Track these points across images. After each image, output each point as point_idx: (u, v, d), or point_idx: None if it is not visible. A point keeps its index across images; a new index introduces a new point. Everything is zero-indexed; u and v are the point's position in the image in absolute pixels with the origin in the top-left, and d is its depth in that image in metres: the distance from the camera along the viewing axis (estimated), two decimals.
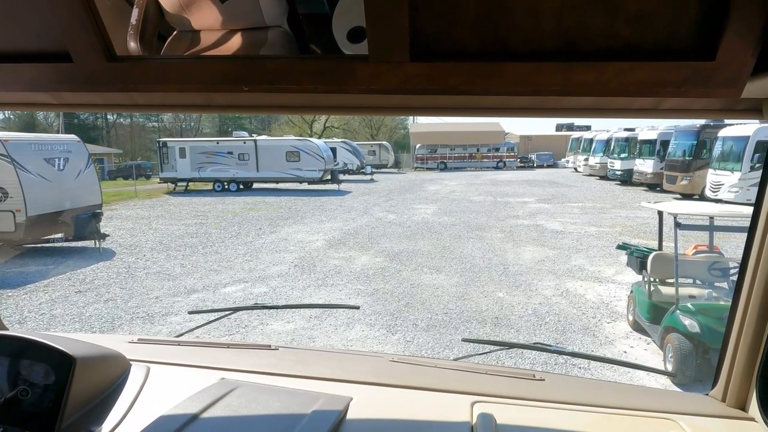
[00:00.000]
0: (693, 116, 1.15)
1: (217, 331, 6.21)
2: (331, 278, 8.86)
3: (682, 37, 0.79)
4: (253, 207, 19.46)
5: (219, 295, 7.94)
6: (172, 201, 22.16)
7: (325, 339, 6.11)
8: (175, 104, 1.26)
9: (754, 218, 1.30)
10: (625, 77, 0.82)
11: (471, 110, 1.15)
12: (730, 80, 0.80)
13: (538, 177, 32.82)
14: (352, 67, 0.89)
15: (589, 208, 17.66)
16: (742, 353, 1.34)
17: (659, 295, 5.86)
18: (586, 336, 6.13)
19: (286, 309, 6.39)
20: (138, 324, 6.69)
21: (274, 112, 1.29)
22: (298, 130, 51.68)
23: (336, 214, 16.94)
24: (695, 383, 4.79)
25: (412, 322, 6.60)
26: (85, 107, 1.28)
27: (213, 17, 1.06)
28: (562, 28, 0.80)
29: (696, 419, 1.33)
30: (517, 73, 0.84)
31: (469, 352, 1.80)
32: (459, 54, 0.85)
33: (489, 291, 7.94)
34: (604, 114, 1.13)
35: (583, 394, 1.49)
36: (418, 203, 19.71)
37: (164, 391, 1.41)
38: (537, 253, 10.60)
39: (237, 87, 0.94)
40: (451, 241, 12.01)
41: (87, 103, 1.23)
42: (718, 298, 5.40)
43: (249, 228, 14.40)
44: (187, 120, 61.23)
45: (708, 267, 5.75)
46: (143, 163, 42.09)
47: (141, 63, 0.98)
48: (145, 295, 7.96)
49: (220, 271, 9.52)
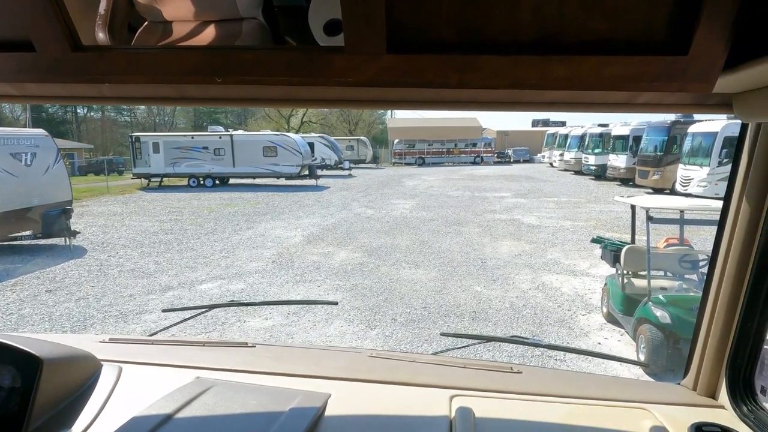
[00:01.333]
0: (667, 110, 1.16)
1: (193, 329, 6.12)
2: (309, 274, 8.81)
3: (656, 32, 0.80)
4: (230, 203, 19.20)
5: (195, 293, 7.82)
6: (146, 197, 21.70)
7: (304, 335, 6.08)
8: (144, 96, 1.22)
9: (723, 213, 1.33)
10: (600, 71, 0.82)
11: (447, 104, 1.14)
12: (702, 74, 0.81)
13: (514, 172, 33.21)
14: (327, 59, 0.87)
15: (564, 202, 17.95)
16: (712, 343, 1.37)
17: (632, 287, 5.99)
18: (561, 328, 6.23)
19: (263, 306, 6.34)
20: (111, 323, 6.54)
21: (248, 105, 1.26)
22: (275, 124, 51.20)
23: (314, 210, 16.84)
24: (667, 373, 4.92)
25: (391, 317, 6.61)
26: (49, 99, 1.23)
27: (185, 8, 1.03)
28: (539, 21, 0.80)
29: (668, 408, 1.36)
30: (494, 66, 0.83)
31: (448, 346, 1.81)
32: (436, 46, 0.84)
33: (467, 285, 8.01)
34: (580, 108, 1.14)
35: (559, 386, 1.51)
36: (396, 198, 19.73)
37: (137, 391, 1.37)
38: (514, 248, 10.73)
39: (209, 79, 0.92)
40: (430, 236, 12.06)
41: (51, 95, 1.18)
42: (688, 290, 5.56)
43: (225, 224, 14.21)
44: (161, 114, 60.03)
45: (678, 259, 5.90)
46: (115, 158, 41.11)
47: (108, 53, 0.94)
48: (118, 294, 7.79)
49: (196, 268, 9.37)
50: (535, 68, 0.83)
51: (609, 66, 0.81)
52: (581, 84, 0.84)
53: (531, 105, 1.11)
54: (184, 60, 0.91)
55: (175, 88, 1.08)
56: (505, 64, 0.83)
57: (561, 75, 0.83)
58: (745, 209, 1.24)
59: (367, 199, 19.52)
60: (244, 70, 0.89)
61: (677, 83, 0.82)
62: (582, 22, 0.79)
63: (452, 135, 43.28)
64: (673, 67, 0.80)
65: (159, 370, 1.53)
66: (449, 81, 0.86)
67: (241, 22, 1.05)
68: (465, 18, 0.81)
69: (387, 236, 12.05)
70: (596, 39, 0.80)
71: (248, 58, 0.89)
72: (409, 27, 0.83)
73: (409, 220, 14.44)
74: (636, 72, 0.82)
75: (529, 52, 0.82)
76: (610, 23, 0.79)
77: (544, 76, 0.83)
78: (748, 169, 1.22)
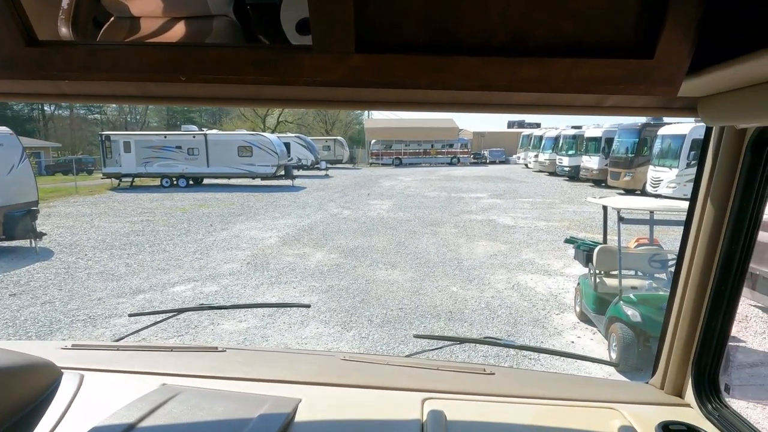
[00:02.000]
0: (634, 113, 1.18)
1: (165, 332, 5.98)
2: (285, 275, 8.72)
3: (622, 36, 0.81)
4: (204, 203, 18.89)
5: (167, 295, 7.65)
6: (117, 197, 21.18)
7: (279, 338, 6.01)
8: (106, 94, 1.18)
9: (689, 215, 1.36)
10: (568, 73, 0.82)
11: (419, 104, 1.13)
12: (667, 78, 0.82)
13: (490, 173, 33.57)
14: (296, 58, 0.85)
15: (539, 203, 18.22)
16: (679, 343, 1.40)
17: (604, 286, 6.11)
18: (536, 327, 6.31)
19: (234, 309, 6.25)
20: (78, 327, 6.35)
21: (215, 104, 1.23)
22: (250, 124, 50.63)
23: (290, 210, 16.70)
24: (637, 372, 5.03)
25: (367, 318, 6.59)
26: (4, 96, 1.18)
27: (154, 4, 1.00)
28: (509, 22, 0.80)
29: (636, 407, 1.38)
30: (464, 68, 0.83)
31: (422, 348, 1.81)
32: (406, 47, 0.83)
33: (443, 286, 8.05)
34: (549, 111, 1.14)
35: (531, 387, 1.52)
36: (373, 199, 19.72)
37: (99, 400, 1.32)
38: (490, 248, 10.83)
39: (173, 77, 0.89)
40: (406, 236, 12.09)
41: (6, 92, 1.13)
42: (658, 289, 5.69)
43: (199, 225, 13.97)
44: (133, 113, 58.72)
45: (648, 259, 6.04)
46: (84, 157, 39.99)
47: (65, 49, 0.90)
48: (86, 297, 7.56)
49: (168, 270, 9.18)
50: (505, 70, 0.83)
51: (577, 68, 0.82)
52: (550, 86, 0.84)
53: (501, 107, 1.12)
54: (147, 57, 0.88)
55: (138, 86, 1.05)
56: (475, 65, 0.83)
57: (530, 77, 0.83)
58: (709, 211, 1.26)
59: (344, 200, 19.46)
60: (209, 69, 0.87)
61: (644, 86, 0.83)
62: (550, 24, 0.79)
63: (429, 136, 43.53)
64: (640, 71, 0.81)
65: (123, 377, 1.48)
66: (420, 82, 0.85)
67: (211, 20, 1.02)
68: (435, 19, 0.81)
69: (364, 237, 12.02)
70: (564, 42, 0.81)
71: (214, 56, 0.87)
72: (378, 27, 0.82)
73: (386, 220, 14.44)
74: (603, 75, 0.82)
75: (499, 53, 0.82)
76: (578, 26, 0.80)
77: (514, 77, 0.83)
78: (713, 171, 1.24)
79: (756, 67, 0.78)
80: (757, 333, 6.02)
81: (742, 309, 6.58)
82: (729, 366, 4.00)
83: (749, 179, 1.17)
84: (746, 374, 5.07)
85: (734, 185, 1.21)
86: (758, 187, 1.17)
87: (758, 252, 5.17)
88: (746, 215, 1.20)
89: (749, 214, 1.20)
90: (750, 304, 6.63)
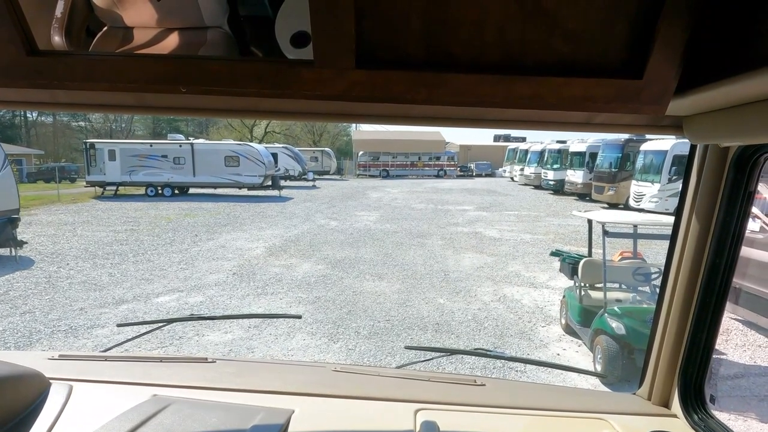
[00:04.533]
0: (622, 131, 1.22)
1: (149, 344, 5.89)
2: (271, 286, 8.66)
3: (612, 56, 0.84)
4: (189, 213, 18.71)
5: (151, 306, 7.54)
6: (100, 206, 20.88)
7: (265, 349, 5.95)
8: (103, 104, 1.19)
9: (674, 230, 1.40)
10: (561, 91, 0.85)
11: (414, 119, 1.16)
12: (655, 98, 0.85)
13: (477, 186, 33.81)
14: (296, 72, 0.87)
15: (524, 216, 18.38)
16: (665, 354, 1.43)
17: (589, 299, 6.17)
18: (522, 340, 6.34)
19: (223, 320, 6.18)
20: (59, 338, 6.22)
21: (213, 116, 1.24)
22: (237, 134, 50.43)
23: (277, 221, 16.62)
24: (623, 383, 5.07)
25: (354, 329, 6.56)
26: (1, 104, 1.18)
27: (148, 14, 1.01)
28: (504, 42, 0.83)
29: (624, 418, 1.40)
30: (460, 84, 0.85)
31: (412, 359, 1.81)
32: (404, 63, 0.86)
33: (430, 297, 8.06)
34: (541, 126, 1.17)
35: (522, 398, 1.53)
36: (360, 210, 19.72)
37: (88, 411, 1.30)
38: (476, 260, 10.88)
39: (173, 88, 0.90)
40: (393, 248, 12.10)
41: (4, 100, 1.13)
42: (642, 302, 5.77)
43: (185, 235, 13.82)
44: (118, 121, 58.07)
45: (632, 272, 6.13)
46: (68, 165, 39.45)
47: (65, 58, 0.91)
48: (68, 307, 7.42)
49: (153, 280, 9.05)
50: (500, 87, 0.85)
51: (569, 87, 0.85)
52: (543, 103, 0.87)
53: (496, 122, 1.15)
54: (146, 68, 0.89)
55: (136, 96, 1.05)
56: (471, 82, 0.85)
57: (524, 94, 0.86)
58: (694, 226, 1.30)
59: (331, 211, 19.43)
60: (210, 81, 0.88)
61: (632, 105, 0.87)
62: (543, 45, 0.82)
63: (416, 148, 43.77)
64: (629, 90, 0.85)
65: (113, 388, 1.46)
66: (417, 97, 0.87)
67: (205, 31, 1.03)
68: (432, 37, 0.83)
69: (351, 248, 12.00)
70: (557, 61, 0.84)
71: (215, 69, 0.88)
72: (378, 43, 0.84)
73: (373, 232, 14.44)
74: (594, 93, 0.85)
75: (494, 71, 0.85)
76: (570, 47, 0.83)
77: (508, 94, 0.86)
78: (697, 188, 1.28)
79: (739, 89, 0.82)
80: (739, 346, 6.12)
81: (724, 322, 6.70)
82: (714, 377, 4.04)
83: (732, 196, 1.21)
84: (731, 385, 5.14)
85: (718, 201, 1.24)
86: (741, 203, 1.21)
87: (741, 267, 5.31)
88: (730, 230, 1.24)
89: (733, 230, 1.24)
90: (732, 318, 6.75)
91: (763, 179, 1.22)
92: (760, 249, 6.15)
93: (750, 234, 6.23)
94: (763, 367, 5.52)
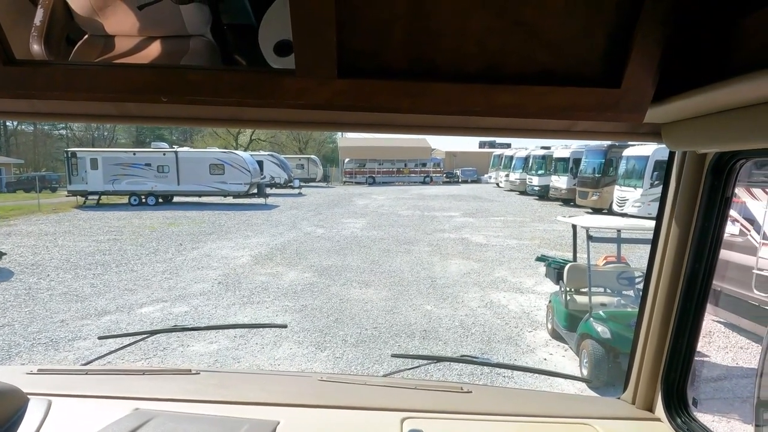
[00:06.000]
0: (602, 138, 1.24)
1: (132, 356, 5.79)
2: (257, 295, 8.58)
3: (592, 66, 0.86)
4: (174, 222, 18.50)
5: (134, 317, 7.42)
6: (82, 215, 20.54)
7: (251, 359, 5.89)
8: (83, 114, 1.17)
9: (655, 234, 1.42)
10: (542, 100, 0.86)
11: (398, 128, 1.16)
12: (634, 106, 0.87)
13: (462, 192, 33.98)
14: (278, 81, 0.87)
15: (510, 221, 18.52)
16: (648, 358, 1.44)
17: (575, 303, 6.22)
18: (509, 345, 6.36)
19: (208, 330, 6.10)
20: (40, 351, 6.08)
21: (196, 125, 1.23)
22: (222, 142, 50.07)
23: (263, 229, 16.51)
24: (608, 387, 5.11)
25: (341, 338, 6.53)
26: None
27: (129, 22, 1.00)
28: (486, 52, 0.84)
29: (609, 422, 1.41)
30: (443, 94, 0.86)
31: (399, 367, 1.80)
32: (387, 72, 0.86)
33: (417, 304, 8.05)
34: (523, 134, 1.19)
35: (508, 405, 1.53)
36: (347, 217, 19.69)
37: (68, 426, 1.28)
38: (463, 266, 10.92)
39: (154, 97, 0.89)
40: (380, 255, 12.08)
41: None
42: (626, 305, 5.83)
43: (169, 244, 13.65)
44: (100, 129, 57.27)
45: (617, 276, 6.19)
46: (48, 174, 38.76)
47: (45, 68, 0.90)
48: (48, 319, 7.27)
49: (136, 290, 8.92)
50: (482, 96, 0.86)
51: (550, 96, 0.86)
52: (525, 112, 0.88)
53: (479, 130, 1.16)
54: (127, 77, 0.88)
55: (118, 106, 1.04)
56: (455, 91, 0.86)
57: (506, 103, 0.87)
58: (674, 231, 1.32)
59: (318, 218, 19.36)
60: (192, 90, 0.88)
61: (611, 113, 0.88)
62: (524, 55, 0.84)
63: (402, 155, 43.92)
64: (608, 99, 0.86)
65: (94, 402, 1.43)
66: (401, 106, 0.88)
67: (188, 39, 1.03)
68: (414, 47, 0.84)
69: (337, 256, 11.96)
70: (538, 71, 0.85)
71: (196, 78, 0.87)
72: (360, 53, 0.84)
73: (360, 239, 14.42)
74: (574, 102, 0.87)
75: (477, 80, 0.86)
76: (550, 57, 0.84)
77: (491, 103, 0.87)
78: (677, 193, 1.30)
79: (714, 97, 0.84)
80: (720, 348, 6.21)
81: (706, 325, 6.79)
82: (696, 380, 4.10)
83: (710, 200, 1.24)
84: (713, 388, 5.21)
85: (697, 206, 1.27)
86: (719, 207, 1.24)
87: (720, 269, 5.40)
88: (709, 235, 1.26)
89: (711, 234, 1.26)
90: (713, 320, 6.85)
91: (740, 184, 1.25)
92: (739, 252, 6.27)
93: (729, 237, 6.35)
94: (743, 369, 5.61)
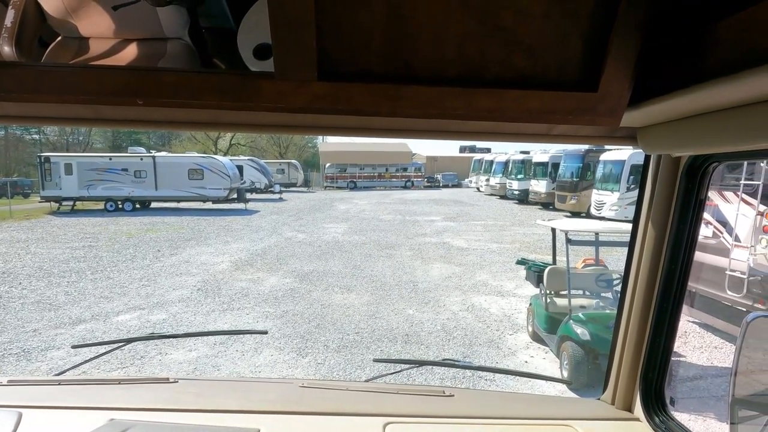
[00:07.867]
0: (579, 142, 1.26)
1: (108, 365, 5.66)
2: (237, 301, 8.48)
3: (569, 71, 0.87)
4: (151, 228, 18.18)
5: (110, 325, 7.25)
6: (56, 222, 20.06)
7: (232, 366, 5.80)
8: (56, 117, 1.14)
9: (632, 237, 1.44)
10: (520, 104, 0.87)
11: (378, 131, 1.16)
12: (610, 110, 0.89)
13: (444, 196, 34.17)
14: (257, 84, 0.86)
15: (491, 225, 18.67)
16: (627, 359, 1.46)
17: (554, 306, 6.29)
18: (491, 348, 6.40)
19: (187, 338, 6.00)
20: (11, 362, 5.90)
21: (173, 128, 1.21)
22: (201, 146, 49.45)
23: (243, 234, 16.34)
24: (588, 388, 5.17)
25: (323, 343, 6.48)
26: None
27: (104, 24, 0.98)
28: (464, 56, 0.84)
29: (590, 423, 1.42)
30: (423, 97, 0.86)
31: (381, 371, 1.79)
32: (366, 76, 0.86)
33: (399, 308, 8.05)
34: (502, 138, 1.20)
35: (490, 408, 1.54)
36: (328, 222, 19.61)
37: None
38: (444, 270, 10.96)
39: (130, 100, 0.87)
40: (362, 259, 12.06)
41: None
42: (605, 307, 5.92)
43: (146, 250, 13.41)
44: (75, 133, 56.06)
45: (595, 279, 6.29)
46: (20, 180, 37.75)
47: (14, 70, 0.87)
48: (20, 329, 7.06)
49: (113, 298, 8.73)
50: (461, 100, 0.87)
51: (528, 100, 0.87)
52: (503, 115, 0.89)
53: (458, 134, 1.16)
54: (102, 79, 0.86)
55: (92, 108, 1.02)
56: (434, 95, 0.86)
57: (485, 107, 0.88)
58: (650, 233, 1.35)
59: (298, 223, 19.25)
60: (168, 93, 0.86)
61: (589, 117, 0.89)
62: (503, 59, 0.84)
63: (383, 159, 43.99)
64: (585, 103, 0.87)
65: (67, 413, 1.39)
66: (380, 109, 0.88)
67: (165, 42, 1.01)
68: (394, 51, 0.84)
69: (319, 261, 11.90)
70: (516, 75, 0.86)
71: (173, 81, 0.86)
72: (339, 56, 0.84)
73: (341, 244, 14.38)
74: (552, 106, 0.88)
75: (455, 84, 0.86)
76: (528, 61, 0.85)
77: (470, 107, 0.87)
78: (652, 196, 1.33)
79: (688, 102, 0.86)
80: (696, 348, 6.35)
81: (682, 325, 6.94)
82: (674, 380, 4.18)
83: (685, 203, 1.26)
84: (689, 387, 5.32)
85: (672, 209, 1.29)
86: (693, 209, 1.26)
87: (694, 271, 5.52)
88: (684, 237, 1.29)
89: (687, 235, 1.29)
90: (688, 321, 7.00)
91: (713, 187, 1.28)
92: (712, 254, 6.43)
93: (703, 240, 6.50)
94: (718, 368, 5.74)
